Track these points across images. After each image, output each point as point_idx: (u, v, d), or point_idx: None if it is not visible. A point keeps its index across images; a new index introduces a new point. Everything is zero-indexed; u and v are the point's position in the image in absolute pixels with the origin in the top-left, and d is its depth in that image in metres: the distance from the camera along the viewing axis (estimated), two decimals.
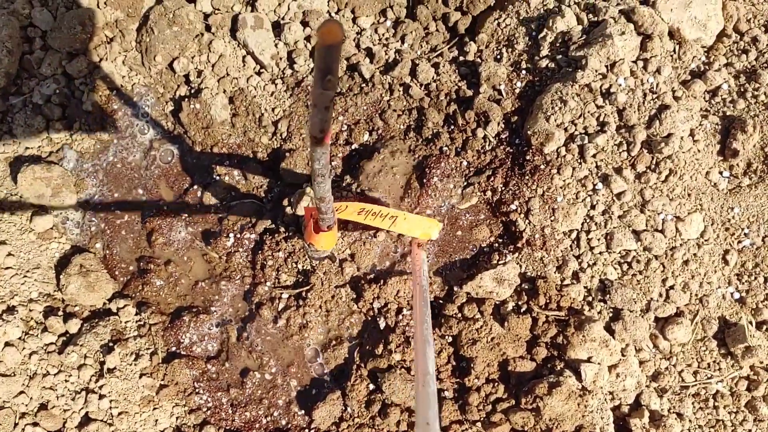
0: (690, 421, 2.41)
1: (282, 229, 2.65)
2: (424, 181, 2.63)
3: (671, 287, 2.45)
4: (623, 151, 2.49)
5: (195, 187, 2.81)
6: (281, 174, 2.74)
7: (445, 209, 2.63)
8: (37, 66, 2.90)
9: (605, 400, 2.37)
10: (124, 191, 2.85)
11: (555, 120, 2.52)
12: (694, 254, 2.46)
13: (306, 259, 2.57)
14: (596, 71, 2.56)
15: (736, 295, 2.48)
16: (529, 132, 2.55)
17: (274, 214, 2.72)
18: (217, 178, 2.81)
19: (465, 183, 2.64)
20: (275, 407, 2.55)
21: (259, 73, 2.88)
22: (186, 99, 2.83)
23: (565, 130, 2.53)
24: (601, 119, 2.52)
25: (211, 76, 2.86)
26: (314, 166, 1.63)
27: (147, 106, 2.91)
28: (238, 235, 2.69)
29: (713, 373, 2.43)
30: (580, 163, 2.50)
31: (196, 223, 2.78)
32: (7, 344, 2.53)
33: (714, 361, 2.44)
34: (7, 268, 2.69)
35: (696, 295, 2.46)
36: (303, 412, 2.52)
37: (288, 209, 2.65)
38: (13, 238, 2.75)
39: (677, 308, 2.45)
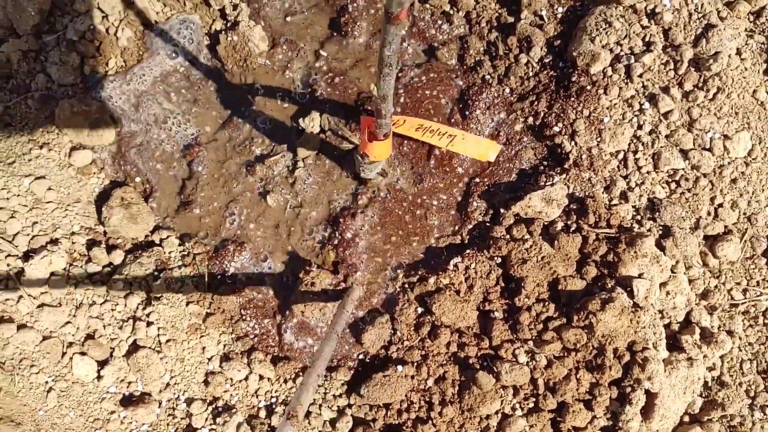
0: (740, 338, 2.41)
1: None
2: (467, 113, 2.61)
3: (720, 205, 2.44)
4: (670, 69, 2.47)
5: (234, 118, 2.79)
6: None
7: (488, 135, 2.61)
8: (70, 3, 2.87)
9: (656, 316, 2.36)
10: (162, 125, 2.83)
11: (600, 41, 2.50)
12: (742, 172, 2.45)
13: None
14: None
15: None
16: (574, 54, 2.53)
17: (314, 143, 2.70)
18: (256, 109, 2.78)
19: (508, 109, 2.62)
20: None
21: None
22: (223, 32, 2.80)
23: (611, 50, 2.51)
24: (646, 39, 2.49)
25: (247, 9, 2.83)
26: (383, 53, 1.53)
27: (182, 41, 2.88)
28: (279, 164, 2.67)
29: (763, 291, 2.42)
30: (627, 83, 2.49)
31: (236, 153, 2.75)
32: (52, 274, 2.52)
33: (763, 279, 2.43)
34: (48, 202, 2.67)
35: (744, 213, 2.46)
36: (353, 340, 2.51)
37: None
38: (53, 173, 2.72)
39: (725, 226, 2.45)
